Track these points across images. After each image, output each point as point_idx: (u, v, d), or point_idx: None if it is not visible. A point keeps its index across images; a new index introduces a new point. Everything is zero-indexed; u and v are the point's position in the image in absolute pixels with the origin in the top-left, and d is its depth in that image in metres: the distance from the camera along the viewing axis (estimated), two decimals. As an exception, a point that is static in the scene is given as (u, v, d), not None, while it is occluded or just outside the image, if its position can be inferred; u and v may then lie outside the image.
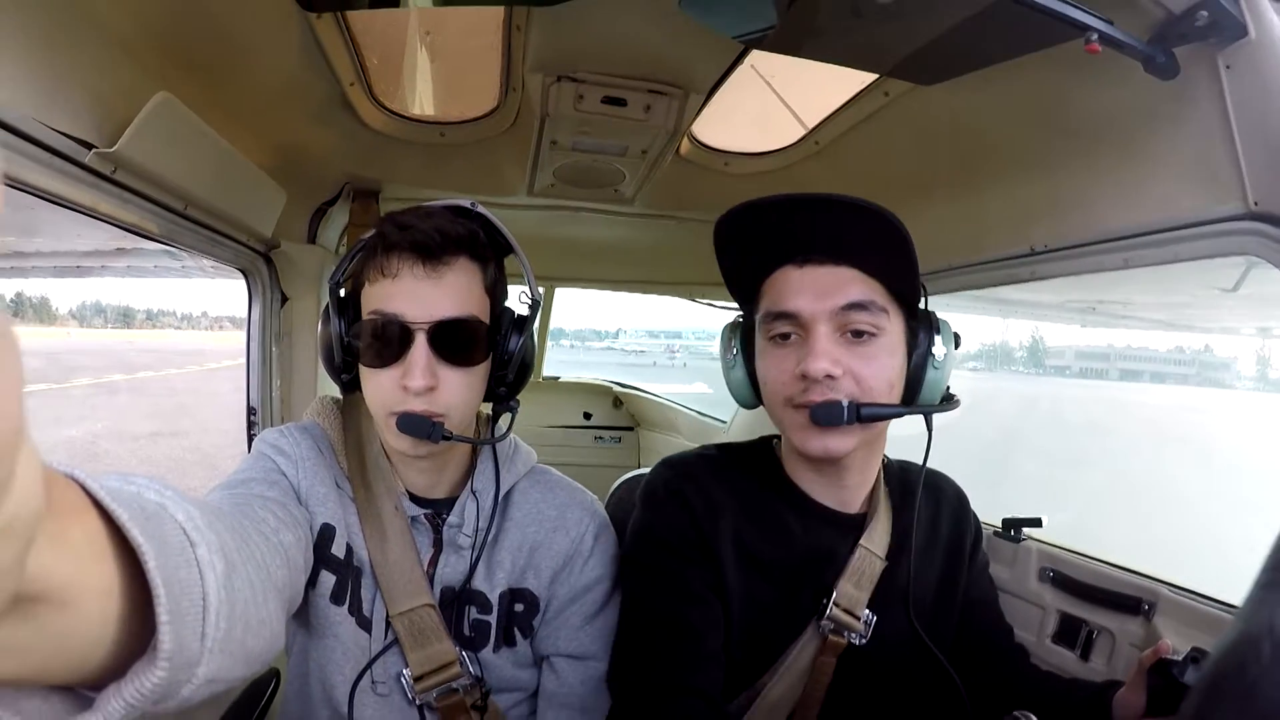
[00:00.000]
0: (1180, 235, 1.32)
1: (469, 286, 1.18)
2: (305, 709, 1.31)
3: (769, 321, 1.26)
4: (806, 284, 1.22)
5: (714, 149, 2.03)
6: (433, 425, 1.15)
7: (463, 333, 1.16)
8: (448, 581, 1.29)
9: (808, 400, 1.20)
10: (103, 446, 12.22)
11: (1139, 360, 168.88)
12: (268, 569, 0.81)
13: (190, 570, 0.56)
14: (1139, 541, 8.53)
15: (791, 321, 1.23)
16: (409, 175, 2.20)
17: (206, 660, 0.56)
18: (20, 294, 77.26)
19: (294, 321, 2.22)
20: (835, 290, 1.20)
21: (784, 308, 1.23)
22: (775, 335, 1.26)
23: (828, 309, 1.20)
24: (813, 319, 1.20)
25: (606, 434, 4.55)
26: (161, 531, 0.54)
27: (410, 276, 1.14)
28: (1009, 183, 1.71)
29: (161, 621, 0.51)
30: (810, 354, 1.18)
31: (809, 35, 1.31)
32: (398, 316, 1.13)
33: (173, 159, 1.41)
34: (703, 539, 1.31)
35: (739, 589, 1.30)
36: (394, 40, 1.63)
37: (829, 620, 1.29)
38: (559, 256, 3.39)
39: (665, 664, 1.25)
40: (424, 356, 1.13)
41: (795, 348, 1.23)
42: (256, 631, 0.67)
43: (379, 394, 1.18)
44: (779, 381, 1.25)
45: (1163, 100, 1.23)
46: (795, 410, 1.23)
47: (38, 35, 1.06)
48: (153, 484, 0.60)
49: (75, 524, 0.46)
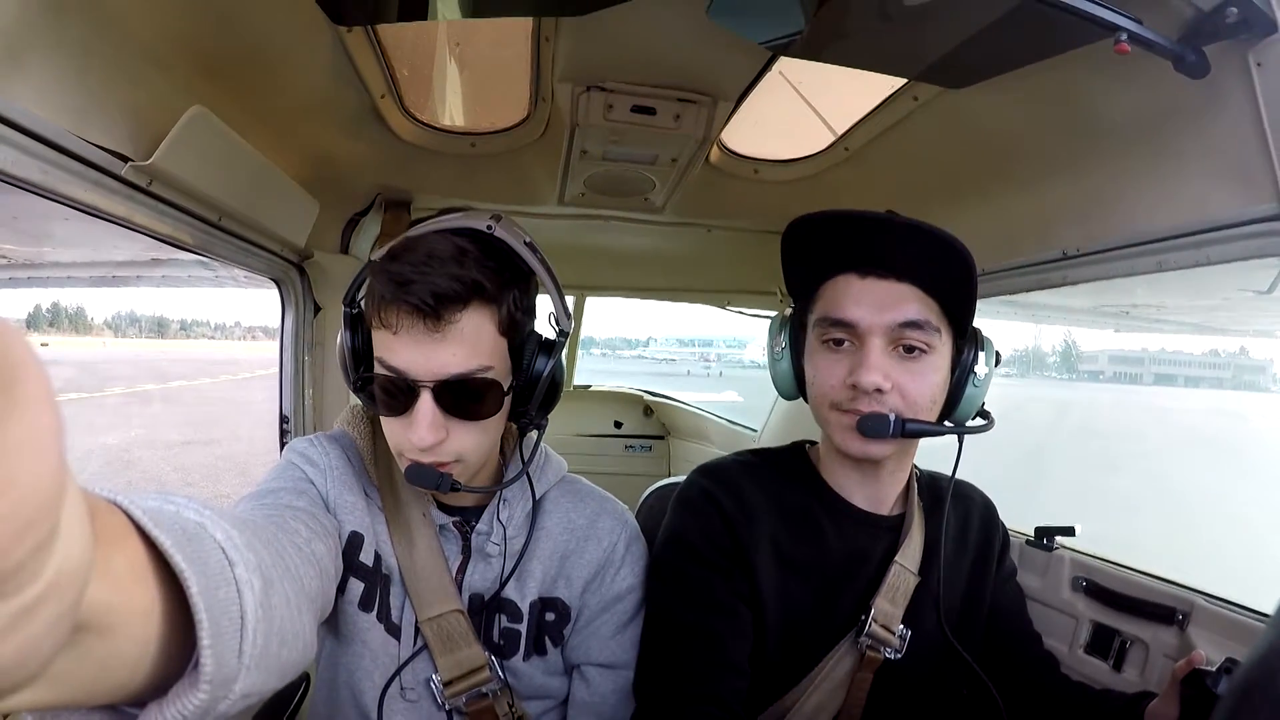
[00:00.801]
0: (1213, 237, 1.31)
1: (477, 337, 1.10)
2: (334, 714, 1.31)
3: (824, 326, 1.28)
4: (866, 295, 1.24)
5: (744, 156, 2.02)
6: (440, 477, 1.11)
7: (471, 388, 1.10)
8: (476, 589, 1.29)
9: (855, 409, 1.23)
10: (136, 454, 12.36)
11: (1173, 364, 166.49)
12: (302, 581, 0.82)
13: (229, 589, 0.56)
14: (1176, 552, 8.40)
15: (847, 330, 1.25)
16: (440, 185, 2.21)
17: (243, 677, 0.56)
18: (56, 304, 78.57)
19: (327, 331, 2.24)
20: (894, 305, 1.22)
21: (842, 315, 1.25)
22: (829, 340, 1.27)
23: (884, 323, 1.22)
24: (869, 331, 1.22)
25: (637, 443, 4.53)
26: (202, 553, 0.54)
27: (410, 335, 1.06)
28: (1040, 186, 1.69)
29: (204, 645, 0.51)
30: (864, 366, 1.21)
31: (837, 40, 1.31)
32: (402, 373, 1.08)
33: (207, 171, 1.43)
34: (736, 544, 1.32)
35: (775, 593, 1.31)
36: (424, 52, 1.65)
37: (867, 636, 1.30)
38: (589, 265, 3.39)
39: (685, 672, 1.25)
40: (429, 413, 1.08)
41: (847, 355, 1.25)
42: (291, 645, 0.68)
43: (391, 436, 1.16)
44: (828, 385, 1.27)
45: (1193, 99, 1.22)
46: (842, 414, 1.26)
47: (74, 51, 1.08)
48: (191, 503, 0.60)
49: (119, 552, 0.47)
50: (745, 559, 1.31)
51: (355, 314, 1.19)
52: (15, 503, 0.26)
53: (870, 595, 1.33)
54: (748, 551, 1.31)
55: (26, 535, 0.27)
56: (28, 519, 0.27)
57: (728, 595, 1.30)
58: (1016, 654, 1.45)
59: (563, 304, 1.24)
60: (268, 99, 1.57)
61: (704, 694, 1.23)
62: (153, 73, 1.28)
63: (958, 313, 1.26)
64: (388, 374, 1.09)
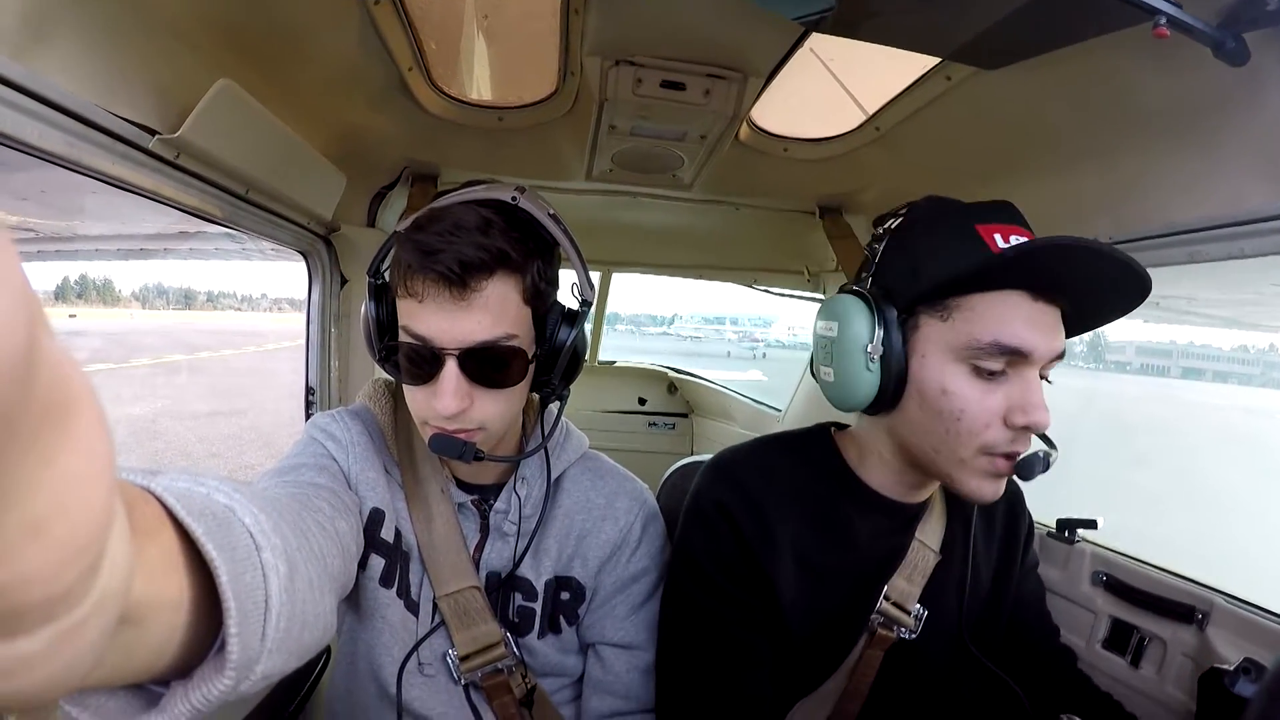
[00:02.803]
0: (1248, 230, 1.28)
1: (503, 304, 1.10)
2: (353, 688, 1.33)
3: (984, 350, 1.09)
4: (1040, 320, 1.09)
5: (773, 134, 2.00)
6: (464, 446, 1.12)
7: (495, 356, 1.11)
8: (493, 566, 1.30)
9: (1013, 450, 1.11)
10: (163, 425, 12.51)
11: (1201, 358, 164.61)
12: (325, 561, 0.83)
13: (255, 574, 0.57)
14: (1201, 551, 8.34)
15: (1015, 359, 1.09)
16: (467, 159, 2.22)
17: (265, 659, 0.57)
18: (85, 276, 79.55)
19: (353, 303, 2.26)
20: (1057, 334, 1.10)
21: (1018, 344, 1.07)
22: (986, 367, 1.10)
23: (1053, 352, 1.10)
24: (1038, 361, 1.09)
25: (660, 420, 4.55)
26: (231, 539, 0.55)
27: (435, 302, 1.07)
28: (1072, 172, 1.66)
29: (230, 634, 0.52)
30: (1039, 406, 1.08)
31: (869, 17, 1.29)
32: (427, 341, 1.09)
33: (234, 144, 1.43)
34: (753, 566, 1.25)
35: (799, 603, 1.26)
36: (451, 25, 1.64)
37: (878, 614, 1.27)
38: (616, 241, 3.40)
39: (704, 714, 1.24)
40: (454, 381, 1.09)
41: (1005, 386, 1.10)
42: (312, 626, 0.69)
43: (415, 405, 1.17)
44: (980, 422, 1.11)
45: (1232, 87, 1.19)
46: (991, 459, 1.12)
47: (102, 25, 1.08)
48: (222, 485, 0.61)
49: (153, 544, 0.48)
50: (764, 578, 1.24)
51: (380, 285, 1.19)
52: (67, 532, 0.26)
53: (888, 575, 1.29)
54: (766, 569, 1.24)
55: (77, 561, 0.27)
56: (78, 547, 0.27)
57: (741, 629, 1.25)
58: (1035, 645, 1.43)
59: (586, 275, 1.25)
60: (295, 72, 1.57)
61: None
62: (180, 46, 1.28)
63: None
64: (413, 342, 1.10)
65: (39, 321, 0.22)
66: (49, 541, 0.26)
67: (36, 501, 0.25)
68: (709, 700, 1.23)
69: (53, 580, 0.27)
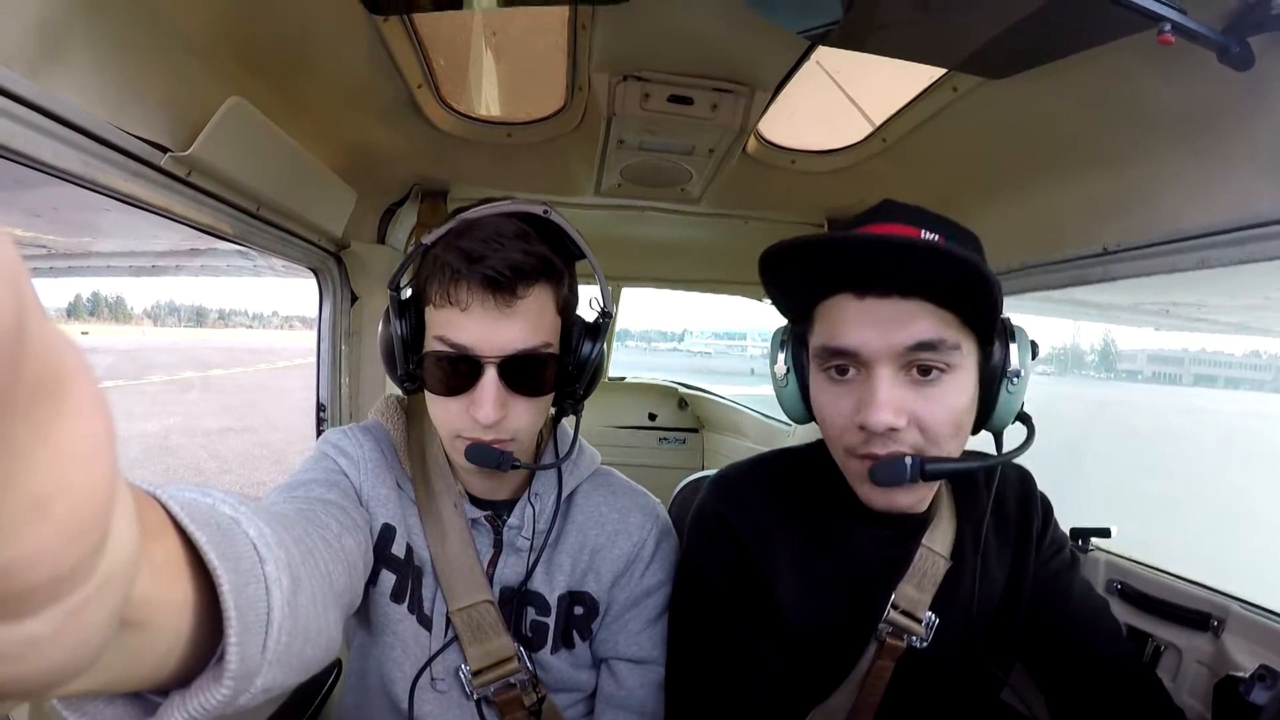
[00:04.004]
0: (1257, 234, 1.28)
1: (541, 314, 1.13)
2: (364, 703, 1.33)
3: (824, 355, 1.13)
4: (867, 318, 1.08)
5: (781, 147, 2.01)
6: (501, 455, 1.14)
7: (533, 364, 1.13)
8: (507, 581, 1.30)
9: (869, 452, 1.10)
10: (175, 441, 12.54)
11: (1213, 365, 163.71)
12: (330, 577, 0.83)
13: (258, 586, 0.57)
14: (1216, 559, 8.26)
15: (851, 359, 1.10)
16: (477, 175, 2.23)
17: (265, 672, 0.57)
18: (97, 293, 79.94)
19: (364, 320, 2.26)
20: (901, 327, 1.06)
21: (842, 344, 1.10)
22: (831, 368, 1.13)
23: (892, 349, 1.06)
24: (874, 359, 1.07)
25: (671, 435, 4.55)
26: (235, 550, 0.55)
27: (481, 309, 1.08)
28: (1080, 180, 1.67)
29: (230, 644, 0.52)
30: (872, 405, 1.06)
31: (875, 30, 1.30)
32: (467, 349, 1.10)
33: (245, 161, 1.44)
34: (753, 575, 1.26)
35: (803, 615, 1.25)
36: (460, 42, 1.65)
37: (886, 623, 1.25)
38: (626, 256, 3.41)
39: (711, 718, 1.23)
40: (494, 390, 1.10)
41: (854, 387, 1.11)
42: (314, 642, 0.69)
43: (446, 418, 1.17)
44: (836, 425, 1.15)
45: (1238, 92, 1.20)
46: (856, 460, 1.14)
47: (113, 43, 1.09)
48: (227, 497, 0.61)
49: (158, 546, 0.48)
50: (764, 588, 1.26)
51: (403, 300, 1.20)
52: (69, 510, 0.26)
53: (894, 583, 1.27)
54: (766, 579, 1.25)
55: (80, 541, 0.27)
56: (80, 526, 0.27)
57: (746, 637, 1.25)
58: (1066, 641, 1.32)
59: (606, 287, 1.27)
60: (305, 89, 1.59)
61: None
62: (191, 64, 1.29)
63: (980, 319, 1.10)
64: (450, 351, 1.11)
65: (28, 300, 0.23)
66: (51, 521, 0.26)
67: (36, 481, 0.25)
68: (716, 707, 1.23)
69: (57, 560, 0.27)
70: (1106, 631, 1.34)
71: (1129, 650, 1.34)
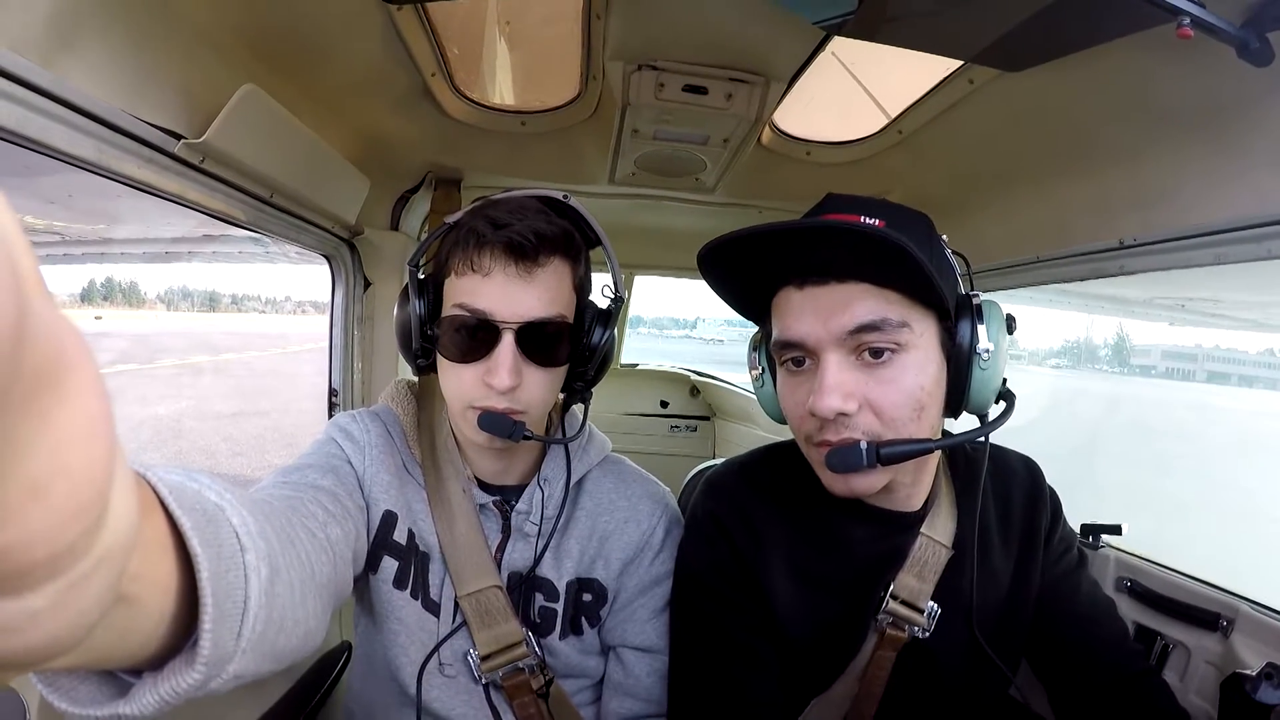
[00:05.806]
0: (1275, 231, 1.28)
1: (559, 286, 1.17)
2: (372, 688, 1.35)
3: (779, 349, 1.15)
4: (809, 306, 1.09)
5: (796, 138, 2.00)
6: (514, 424, 1.15)
7: (549, 333, 1.16)
8: (515, 567, 1.31)
9: (824, 439, 1.10)
10: (187, 424, 12.57)
11: (1227, 362, 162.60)
12: (312, 567, 0.83)
13: (237, 574, 0.58)
14: (1228, 561, 8.21)
15: (801, 349, 1.11)
16: (490, 164, 2.23)
17: (238, 659, 0.58)
18: (110, 279, 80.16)
19: (376, 306, 2.28)
20: (841, 311, 1.06)
21: (790, 336, 1.11)
22: (788, 361, 1.15)
23: (834, 334, 1.07)
24: (819, 346, 1.08)
25: (683, 423, 4.54)
26: (217, 536, 0.56)
27: (503, 275, 1.12)
28: (1097, 173, 1.65)
29: (204, 629, 0.53)
30: (818, 390, 1.06)
31: (891, 21, 1.29)
32: (486, 314, 1.12)
33: (259, 148, 1.44)
34: (747, 574, 1.26)
35: (798, 612, 1.25)
36: (474, 30, 1.65)
37: (886, 614, 1.24)
38: (640, 245, 3.42)
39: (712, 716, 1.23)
40: (510, 355, 1.12)
41: (808, 376, 1.12)
42: (290, 632, 0.69)
43: (459, 387, 1.17)
44: (795, 416, 1.16)
45: (1256, 88, 1.19)
46: (814, 448, 1.14)
47: (128, 31, 1.10)
48: (213, 483, 0.62)
49: (147, 523, 0.48)
50: (758, 586, 1.25)
51: (424, 274, 1.24)
52: (67, 492, 0.27)
53: (894, 574, 1.25)
54: (760, 578, 1.25)
55: (78, 520, 0.28)
56: (79, 507, 0.28)
57: (745, 634, 1.25)
58: (1073, 638, 1.31)
59: (619, 273, 1.29)
60: (319, 77, 1.59)
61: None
62: (205, 51, 1.30)
63: (929, 294, 1.06)
64: (468, 316, 1.13)
65: (31, 284, 0.23)
66: (51, 502, 0.26)
67: (35, 463, 0.25)
68: (717, 704, 1.23)
69: (55, 540, 0.27)
70: (1113, 632, 1.33)
71: (1135, 651, 1.32)
